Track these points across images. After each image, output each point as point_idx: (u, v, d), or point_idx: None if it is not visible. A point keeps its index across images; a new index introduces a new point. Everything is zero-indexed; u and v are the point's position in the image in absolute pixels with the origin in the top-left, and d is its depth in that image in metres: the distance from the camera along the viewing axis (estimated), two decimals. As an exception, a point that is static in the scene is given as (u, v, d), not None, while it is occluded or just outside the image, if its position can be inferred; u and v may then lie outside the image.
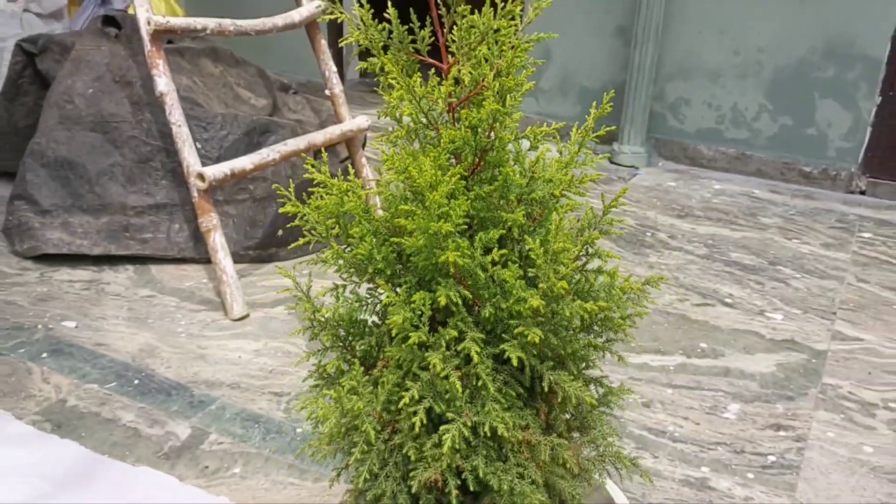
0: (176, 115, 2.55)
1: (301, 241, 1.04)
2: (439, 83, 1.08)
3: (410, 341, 0.96)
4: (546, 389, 1.04)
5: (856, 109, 4.06)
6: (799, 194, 4.13)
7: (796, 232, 3.59)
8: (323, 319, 1.15)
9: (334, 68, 3.21)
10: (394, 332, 1.02)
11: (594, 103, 1.13)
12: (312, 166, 1.03)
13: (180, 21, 2.54)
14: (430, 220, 0.89)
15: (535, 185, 1.01)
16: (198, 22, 2.58)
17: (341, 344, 1.17)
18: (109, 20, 3.27)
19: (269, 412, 2.15)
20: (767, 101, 4.23)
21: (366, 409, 1.04)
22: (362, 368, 1.07)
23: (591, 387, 1.17)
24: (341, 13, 1.02)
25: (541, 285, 0.94)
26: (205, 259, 2.98)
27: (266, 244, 3.09)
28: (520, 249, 1.02)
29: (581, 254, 1.05)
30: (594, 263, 1.06)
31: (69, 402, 2.15)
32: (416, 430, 0.99)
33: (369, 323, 1.19)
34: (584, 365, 1.16)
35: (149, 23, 2.47)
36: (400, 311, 0.97)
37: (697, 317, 2.78)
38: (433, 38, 1.04)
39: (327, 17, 1.13)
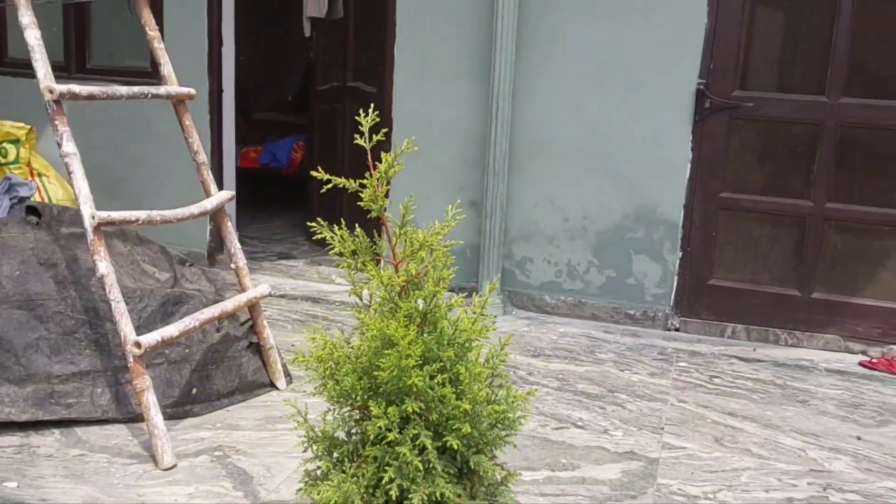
0: (115, 293, 2.97)
1: (309, 382, 1.57)
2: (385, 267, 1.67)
3: (388, 439, 1.50)
4: (472, 468, 1.60)
5: (663, 262, 5.01)
6: (627, 333, 4.95)
7: (627, 364, 4.36)
8: (314, 436, 1.65)
9: (238, 245, 3.74)
10: (372, 436, 1.55)
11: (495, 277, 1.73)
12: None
13: (118, 215, 3.02)
14: (400, 359, 1.45)
15: (458, 334, 1.60)
16: (133, 214, 3.07)
17: (326, 453, 1.67)
18: (31, 209, 3.67)
19: (213, 544, 2.51)
20: (594, 257, 5.12)
21: (354, 490, 1.54)
22: (349, 465, 1.58)
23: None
24: (332, 243, 1.62)
25: (468, 395, 1.52)
26: (126, 418, 3.30)
27: (182, 402, 3.45)
28: (450, 374, 1.60)
29: (489, 375, 1.63)
30: (496, 382, 1.65)
31: (28, 552, 2.41)
32: (393, 500, 1.51)
33: (342, 437, 1.71)
34: (492, 454, 1.72)
35: (93, 217, 2.93)
36: (379, 420, 1.51)
37: (557, 438, 3.40)
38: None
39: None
